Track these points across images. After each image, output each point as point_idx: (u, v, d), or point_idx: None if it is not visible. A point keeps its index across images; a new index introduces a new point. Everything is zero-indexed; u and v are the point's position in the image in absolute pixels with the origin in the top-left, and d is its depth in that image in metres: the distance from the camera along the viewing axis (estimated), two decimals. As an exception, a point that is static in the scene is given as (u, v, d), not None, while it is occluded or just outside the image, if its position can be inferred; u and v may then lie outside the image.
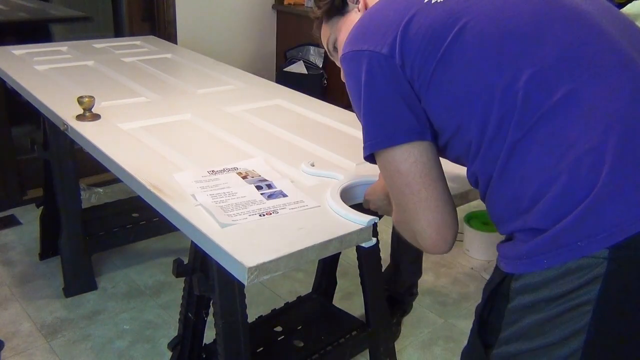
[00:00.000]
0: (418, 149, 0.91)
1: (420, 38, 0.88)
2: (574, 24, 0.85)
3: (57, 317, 2.11)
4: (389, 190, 0.98)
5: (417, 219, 0.93)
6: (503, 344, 0.88)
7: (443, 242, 0.93)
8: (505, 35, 0.85)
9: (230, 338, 1.34)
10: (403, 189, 0.93)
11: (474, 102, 0.85)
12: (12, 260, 2.44)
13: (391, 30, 0.91)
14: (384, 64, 0.90)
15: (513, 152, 0.83)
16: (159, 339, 2.03)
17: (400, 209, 0.95)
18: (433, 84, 0.89)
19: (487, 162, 0.87)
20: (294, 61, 3.47)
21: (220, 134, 1.57)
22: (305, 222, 1.10)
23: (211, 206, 1.14)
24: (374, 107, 0.93)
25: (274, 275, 0.99)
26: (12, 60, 2.20)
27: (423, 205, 0.92)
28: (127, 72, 2.11)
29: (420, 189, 0.91)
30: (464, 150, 0.91)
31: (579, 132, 0.78)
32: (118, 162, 1.35)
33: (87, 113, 1.60)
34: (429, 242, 0.93)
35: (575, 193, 0.77)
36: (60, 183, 2.11)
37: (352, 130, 1.63)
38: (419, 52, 0.88)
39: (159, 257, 2.51)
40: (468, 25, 0.86)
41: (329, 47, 1.20)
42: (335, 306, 1.90)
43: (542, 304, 0.81)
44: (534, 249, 0.80)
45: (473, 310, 1.01)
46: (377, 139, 0.93)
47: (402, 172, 0.92)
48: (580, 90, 0.80)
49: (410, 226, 0.95)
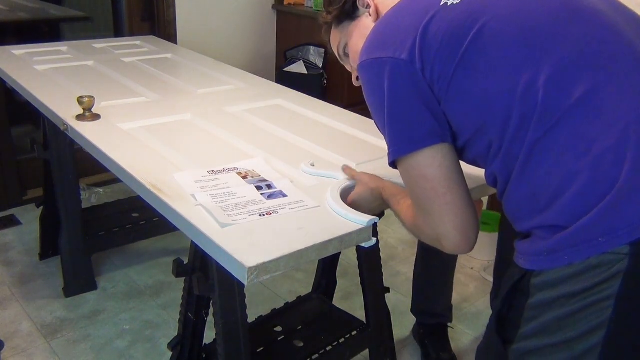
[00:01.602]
0: (442, 152, 0.93)
1: (439, 41, 0.89)
2: (592, 24, 0.86)
3: (57, 317, 2.11)
4: (411, 196, 0.98)
5: (443, 222, 0.93)
6: (522, 340, 0.89)
7: (467, 243, 0.95)
8: (524, 36, 0.86)
9: (230, 338, 1.34)
10: (428, 193, 0.94)
11: (495, 102, 0.87)
12: (12, 260, 2.45)
13: (409, 35, 0.91)
14: (405, 70, 0.91)
15: (533, 151, 0.84)
16: (159, 339, 2.03)
17: (424, 213, 0.96)
18: (453, 86, 0.89)
19: (507, 161, 0.88)
20: (294, 61, 3.47)
21: (220, 134, 1.57)
22: (305, 222, 1.10)
23: (211, 206, 1.14)
24: (398, 113, 0.93)
25: (274, 275, 0.99)
26: (12, 60, 2.20)
27: (448, 208, 0.93)
28: (127, 72, 2.11)
29: (445, 192, 0.93)
30: (483, 151, 0.93)
31: (599, 130, 0.80)
32: (118, 162, 1.35)
33: (87, 113, 1.60)
34: (454, 244, 0.94)
35: (597, 190, 0.79)
36: (60, 183, 2.11)
37: (352, 130, 1.63)
38: (438, 55, 0.89)
39: (159, 257, 2.51)
40: (486, 27, 0.87)
41: (339, 51, 1.20)
42: (335, 306, 1.90)
43: (562, 300, 0.82)
44: (555, 246, 0.82)
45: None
46: (402, 144, 0.94)
47: (427, 176, 0.93)
48: (599, 89, 0.81)
49: (434, 229, 0.95)
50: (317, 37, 1.26)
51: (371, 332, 1.72)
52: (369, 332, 1.72)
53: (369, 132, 1.60)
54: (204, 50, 2.82)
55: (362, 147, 1.52)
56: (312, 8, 3.45)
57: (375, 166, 1.39)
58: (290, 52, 3.53)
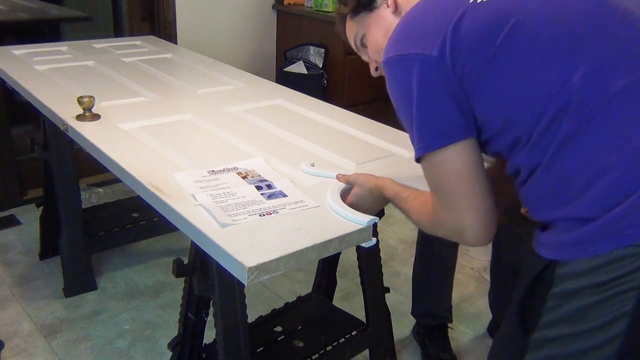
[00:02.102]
0: (469, 147, 0.95)
1: (471, 38, 0.90)
2: (627, 22, 0.88)
3: (57, 317, 2.11)
4: (435, 190, 1.00)
5: (467, 216, 0.95)
6: (543, 328, 0.91)
7: (488, 235, 0.97)
8: (559, 33, 0.87)
9: (230, 338, 1.34)
10: (454, 187, 0.95)
11: (528, 97, 0.88)
12: (12, 260, 2.45)
13: (440, 31, 0.92)
14: (435, 66, 0.92)
15: (565, 144, 0.86)
16: (159, 339, 2.03)
17: (448, 206, 0.97)
18: (484, 83, 0.91)
19: (535, 153, 0.90)
20: (294, 61, 3.46)
21: (220, 134, 1.57)
22: (305, 222, 1.10)
23: (211, 206, 1.14)
24: (427, 110, 0.94)
25: (274, 275, 0.99)
26: (12, 60, 2.20)
27: (474, 201, 0.95)
28: (127, 72, 2.11)
29: (471, 185, 0.94)
30: (509, 144, 0.94)
31: (633, 126, 0.82)
32: (118, 162, 1.35)
33: (87, 113, 1.60)
34: (475, 237, 0.96)
35: (627, 185, 0.81)
36: (60, 183, 2.11)
37: (352, 130, 1.63)
38: (470, 52, 0.90)
39: (159, 257, 2.51)
40: (520, 24, 0.88)
41: (356, 43, 1.20)
42: (335, 306, 1.90)
43: (587, 290, 0.84)
44: (582, 237, 0.84)
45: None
46: (431, 140, 0.95)
47: (455, 170, 0.95)
48: (634, 86, 0.83)
49: (457, 222, 0.97)
50: (317, 37, 1.26)
51: (371, 332, 1.72)
52: (369, 332, 1.72)
53: (369, 132, 1.61)
54: (204, 50, 2.82)
55: (362, 147, 1.52)
56: (312, 8, 3.45)
57: (375, 166, 1.39)
58: (290, 52, 3.53)
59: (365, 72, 1.27)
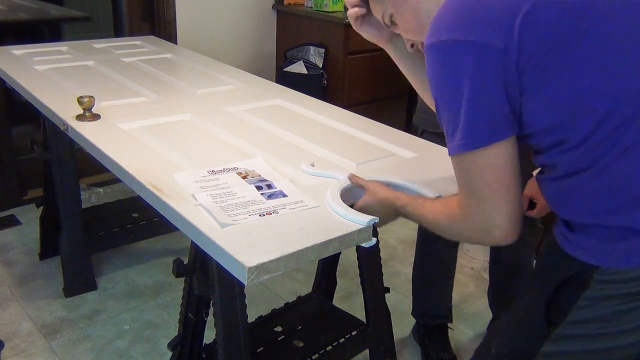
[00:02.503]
0: (512, 143, 0.92)
1: (542, 33, 0.85)
2: None
3: (57, 317, 2.11)
4: (468, 186, 0.96)
5: (500, 212, 0.93)
6: (569, 325, 0.93)
7: (516, 232, 0.95)
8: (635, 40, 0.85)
9: (230, 338, 1.34)
10: (491, 183, 0.92)
11: (590, 102, 0.86)
12: (12, 260, 2.45)
13: (505, 20, 0.86)
14: (497, 58, 0.86)
15: (624, 154, 0.85)
16: (159, 339, 2.03)
17: (480, 203, 0.94)
18: (548, 80, 0.87)
19: (585, 157, 0.88)
20: (294, 61, 3.46)
21: (220, 134, 1.57)
22: (305, 222, 1.10)
23: (211, 206, 1.14)
24: (479, 105, 0.90)
25: (274, 275, 0.99)
26: (12, 60, 2.20)
27: (508, 198, 0.93)
28: (127, 72, 2.11)
29: (508, 182, 0.92)
30: (550, 143, 0.92)
31: None
32: (118, 162, 1.35)
33: (87, 113, 1.60)
34: (504, 234, 0.94)
35: None
36: (60, 183, 2.11)
37: (352, 130, 1.63)
38: (541, 47, 0.85)
39: (159, 257, 2.51)
40: (594, 25, 0.85)
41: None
42: (335, 306, 1.90)
43: (623, 297, 0.87)
44: (630, 247, 0.86)
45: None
46: (477, 137, 0.91)
47: (495, 166, 0.92)
48: None
49: (487, 219, 0.94)
50: (317, 37, 1.24)
51: (371, 332, 1.72)
52: (369, 332, 1.72)
53: (369, 132, 1.61)
54: (204, 50, 2.82)
55: (362, 147, 1.52)
56: (312, 8, 3.45)
57: (375, 166, 1.39)
58: (290, 52, 3.53)
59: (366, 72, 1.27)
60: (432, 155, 1.47)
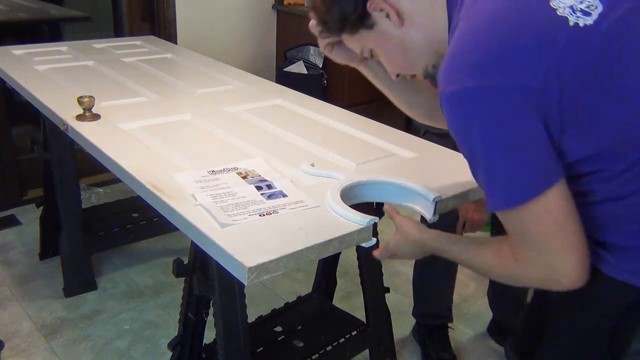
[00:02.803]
0: (563, 186, 0.85)
1: (584, 69, 0.80)
2: None
3: (57, 317, 2.11)
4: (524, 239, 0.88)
5: (565, 260, 0.86)
6: (633, 355, 0.90)
7: (586, 274, 0.87)
8: None
9: (230, 338, 1.34)
10: (549, 229, 0.85)
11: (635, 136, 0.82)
12: (12, 260, 2.45)
13: (539, 58, 0.79)
14: (535, 99, 0.80)
15: None
16: (159, 339, 2.03)
17: (541, 252, 0.87)
18: (594, 118, 0.82)
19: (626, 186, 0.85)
20: (294, 61, 3.47)
21: (220, 134, 1.57)
22: (305, 222, 1.10)
23: (211, 206, 1.14)
24: (521, 154, 0.82)
25: (274, 275, 0.99)
26: (12, 60, 2.20)
27: (571, 241, 0.86)
28: (127, 72, 2.11)
29: (568, 226, 0.85)
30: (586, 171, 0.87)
31: None
32: (118, 162, 1.35)
33: (87, 113, 1.60)
34: (575, 279, 0.87)
35: None
36: (60, 183, 2.11)
37: (352, 130, 1.63)
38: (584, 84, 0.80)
39: (159, 257, 2.51)
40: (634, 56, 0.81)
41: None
42: (335, 306, 1.90)
43: None
44: None
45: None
46: (524, 190, 0.84)
47: (552, 212, 0.84)
48: None
49: (552, 268, 0.87)
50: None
51: (371, 332, 1.72)
52: (369, 332, 1.72)
53: (369, 132, 1.61)
54: (204, 50, 2.82)
55: (362, 147, 1.52)
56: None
57: (375, 166, 1.39)
58: (290, 52, 3.53)
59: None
60: (432, 155, 1.47)
